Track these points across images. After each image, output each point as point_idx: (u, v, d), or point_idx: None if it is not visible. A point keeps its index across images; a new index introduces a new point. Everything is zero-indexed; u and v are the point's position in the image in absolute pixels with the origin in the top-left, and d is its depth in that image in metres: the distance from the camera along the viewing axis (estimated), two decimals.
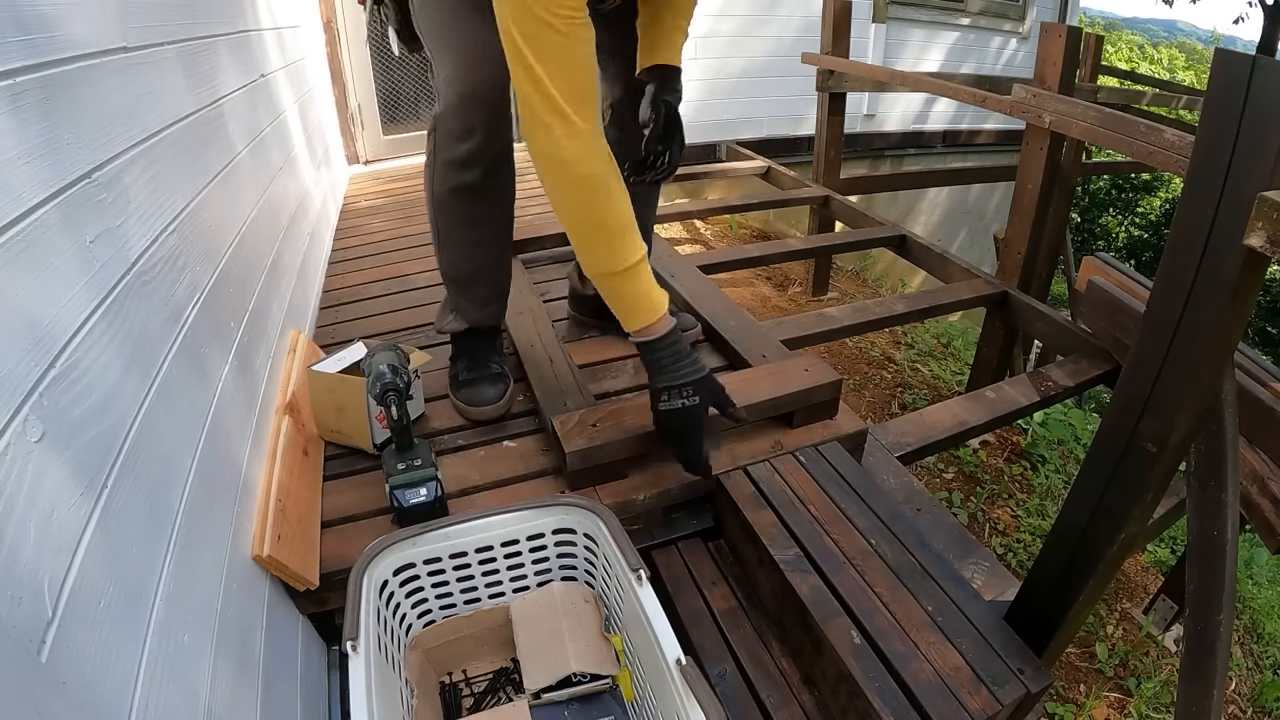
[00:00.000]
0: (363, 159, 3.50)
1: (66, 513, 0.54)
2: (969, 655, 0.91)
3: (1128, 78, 5.65)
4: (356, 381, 1.20)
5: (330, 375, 1.23)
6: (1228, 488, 0.93)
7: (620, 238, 1.03)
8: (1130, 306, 1.81)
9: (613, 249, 1.03)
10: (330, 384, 1.24)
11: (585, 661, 0.92)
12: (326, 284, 2.07)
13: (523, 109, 0.96)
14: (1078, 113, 1.97)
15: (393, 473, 1.11)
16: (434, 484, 1.11)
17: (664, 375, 1.09)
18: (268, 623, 0.90)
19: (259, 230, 1.38)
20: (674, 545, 1.20)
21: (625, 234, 1.03)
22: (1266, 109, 0.67)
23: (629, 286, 1.06)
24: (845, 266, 4.19)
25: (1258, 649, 2.10)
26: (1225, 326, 0.76)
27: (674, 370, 1.08)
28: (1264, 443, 1.51)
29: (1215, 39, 22.72)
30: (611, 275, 1.05)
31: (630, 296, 1.06)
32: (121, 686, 0.56)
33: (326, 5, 3.09)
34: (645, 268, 1.06)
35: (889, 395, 2.80)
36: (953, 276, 2.44)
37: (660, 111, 1.19)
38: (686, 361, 1.09)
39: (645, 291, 1.06)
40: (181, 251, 0.92)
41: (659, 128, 1.19)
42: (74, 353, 0.61)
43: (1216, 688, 1.03)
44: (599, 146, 0.99)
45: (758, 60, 4.18)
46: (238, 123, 1.37)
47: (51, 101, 0.66)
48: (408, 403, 1.13)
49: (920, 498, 1.34)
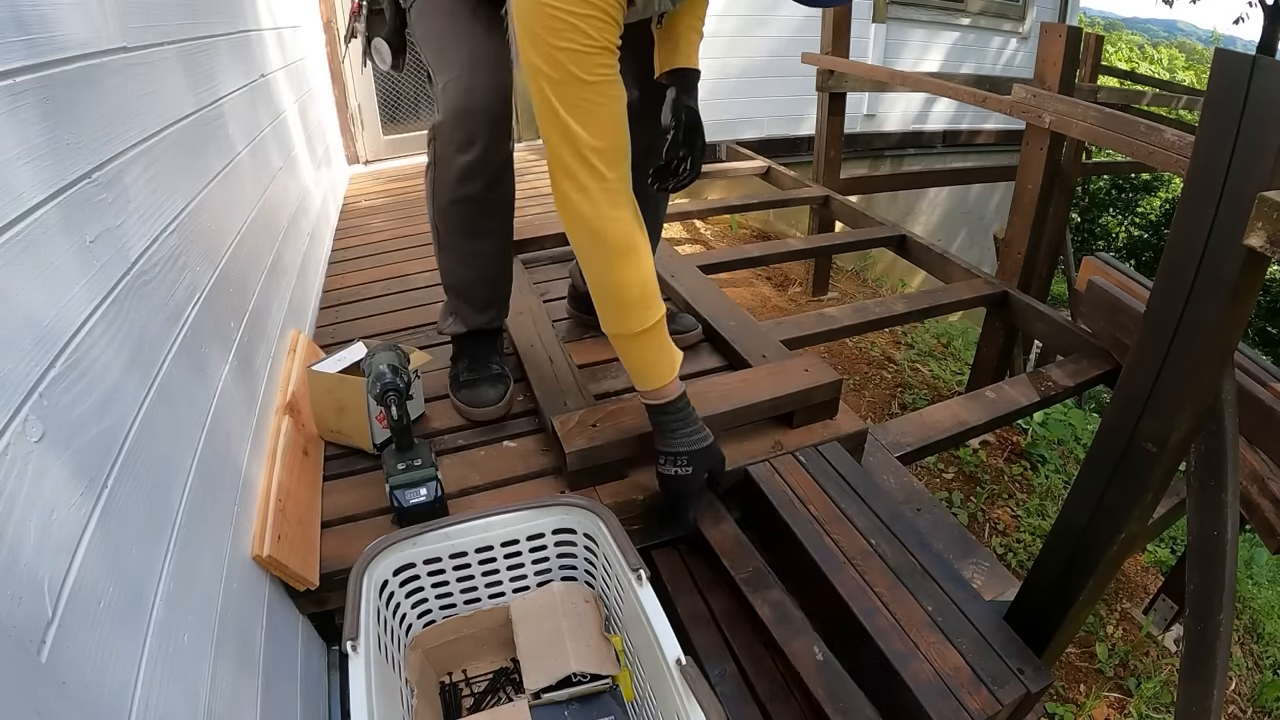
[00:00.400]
0: (363, 159, 3.50)
1: (66, 513, 0.54)
2: (969, 655, 0.91)
3: (1128, 78, 5.65)
4: (356, 381, 1.20)
5: (330, 375, 1.23)
6: (1228, 488, 0.93)
7: (640, 299, 1.01)
8: (1130, 306, 1.81)
9: (630, 310, 1.01)
10: (330, 384, 1.23)
11: (585, 661, 0.92)
12: (326, 284, 2.07)
13: (552, 160, 0.95)
14: (1078, 113, 1.97)
15: (393, 473, 1.11)
16: (434, 484, 1.11)
17: (666, 440, 1.08)
18: (268, 623, 0.90)
19: (259, 230, 1.38)
20: (674, 545, 1.21)
21: (645, 295, 1.01)
22: (1266, 109, 0.67)
23: (643, 349, 1.04)
24: (845, 266, 4.19)
25: (1258, 649, 2.10)
26: (1225, 326, 0.76)
27: (676, 437, 1.08)
28: (1264, 443, 1.51)
29: (1215, 39, 22.71)
30: (628, 337, 1.03)
31: (642, 358, 1.05)
32: (121, 686, 0.56)
33: (326, 5, 3.10)
34: (662, 330, 1.04)
35: (889, 395, 2.80)
36: (953, 276, 2.44)
37: (682, 117, 1.18)
38: (690, 429, 1.08)
39: (657, 355, 1.05)
40: (181, 251, 0.92)
41: (679, 134, 1.18)
42: (74, 353, 0.61)
43: (1216, 688, 1.03)
44: (627, 200, 0.98)
45: (758, 60, 4.18)
46: (238, 123, 1.37)
47: (51, 101, 0.66)
48: (408, 403, 1.13)
49: (920, 498, 1.34)
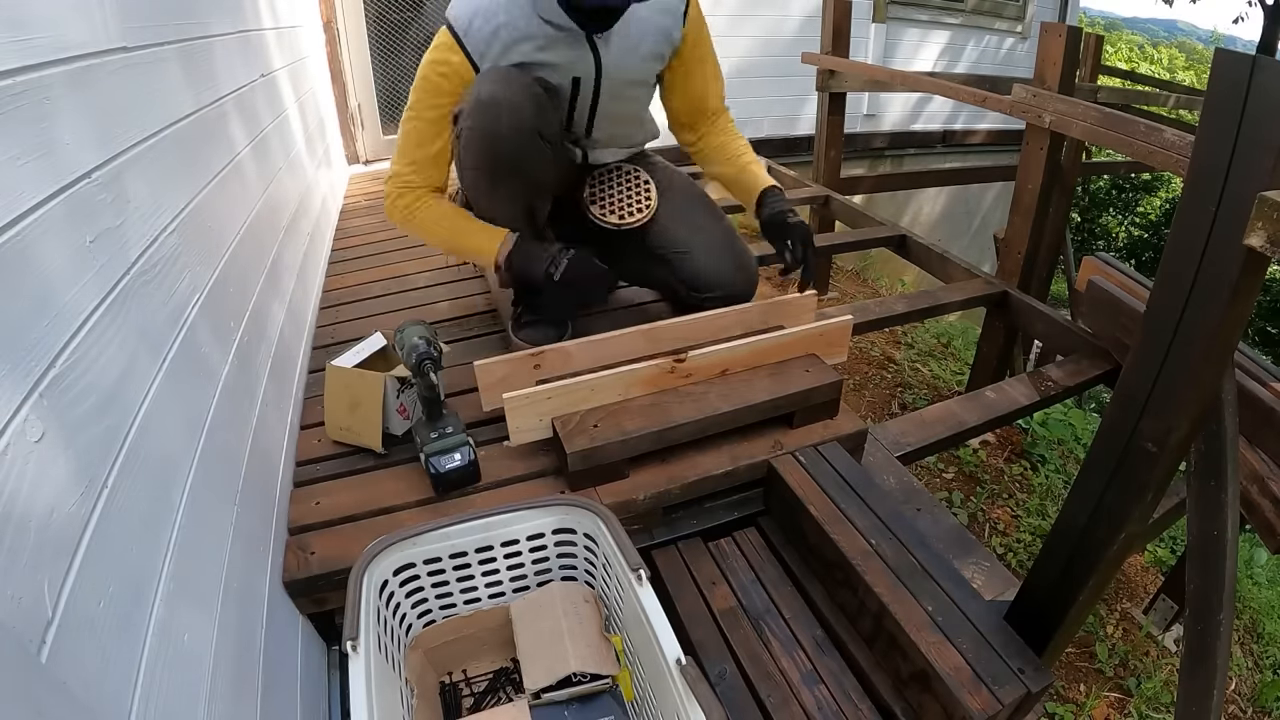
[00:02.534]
0: (363, 159, 3.50)
1: (66, 513, 0.54)
2: (969, 655, 0.91)
3: (1128, 78, 5.64)
4: (375, 377, 1.21)
5: (348, 370, 1.24)
6: (1228, 488, 0.93)
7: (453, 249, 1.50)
8: (1130, 306, 1.81)
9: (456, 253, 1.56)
10: (348, 379, 1.24)
11: (585, 661, 0.92)
12: (326, 284, 2.07)
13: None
14: (1078, 113, 1.97)
15: (426, 441, 1.14)
16: (467, 449, 1.14)
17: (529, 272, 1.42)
18: (268, 623, 0.90)
19: (259, 230, 1.38)
20: (674, 545, 1.21)
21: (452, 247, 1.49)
22: (1266, 109, 0.66)
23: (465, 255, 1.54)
24: (845, 266, 4.19)
25: (1258, 649, 2.10)
26: (1225, 326, 0.76)
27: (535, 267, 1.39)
28: (1264, 443, 1.51)
29: (1215, 39, 22.71)
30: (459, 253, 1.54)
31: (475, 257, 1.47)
32: (121, 686, 0.56)
33: (326, 5, 3.09)
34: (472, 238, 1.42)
35: (889, 395, 2.80)
36: (953, 276, 2.44)
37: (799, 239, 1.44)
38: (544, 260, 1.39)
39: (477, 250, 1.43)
40: (181, 251, 0.92)
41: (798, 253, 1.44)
42: (74, 353, 0.61)
43: (1216, 688, 1.03)
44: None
45: (757, 59, 4.17)
46: (238, 123, 1.37)
47: (51, 101, 0.66)
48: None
49: (920, 498, 1.34)
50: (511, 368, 1.27)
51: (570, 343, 1.32)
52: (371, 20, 3.27)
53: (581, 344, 1.32)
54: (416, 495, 1.18)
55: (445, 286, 1.99)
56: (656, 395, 1.28)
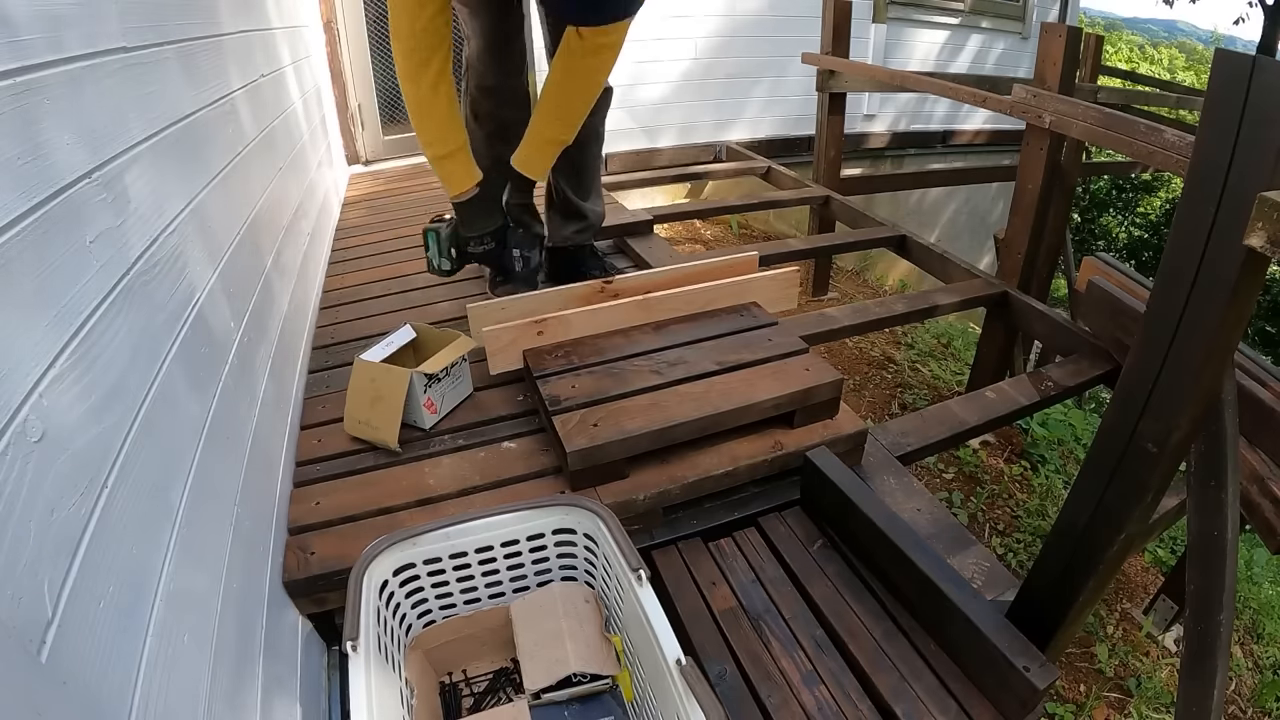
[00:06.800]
0: (363, 159, 3.50)
1: (66, 513, 0.54)
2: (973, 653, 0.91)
3: (1128, 78, 5.64)
4: (401, 372, 1.23)
5: (375, 365, 1.26)
6: (1228, 488, 0.93)
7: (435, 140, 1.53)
8: (1130, 306, 1.81)
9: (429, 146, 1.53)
10: (374, 373, 1.25)
11: (585, 661, 0.92)
12: (326, 284, 2.07)
13: None
14: (1078, 113, 1.96)
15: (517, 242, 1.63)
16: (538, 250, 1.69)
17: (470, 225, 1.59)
18: (268, 623, 0.90)
19: (260, 230, 1.38)
20: (674, 545, 1.21)
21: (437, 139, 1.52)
22: (1266, 109, 0.66)
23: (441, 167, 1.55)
24: (845, 266, 4.19)
25: (1258, 649, 2.10)
26: (1225, 326, 0.76)
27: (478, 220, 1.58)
28: (1264, 443, 1.51)
29: (1215, 39, 22.70)
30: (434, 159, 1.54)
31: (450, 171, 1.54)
32: (121, 686, 0.56)
33: (327, 5, 3.09)
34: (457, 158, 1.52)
35: (889, 395, 2.80)
36: (953, 276, 2.44)
37: None
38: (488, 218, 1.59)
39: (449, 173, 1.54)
40: (182, 251, 0.92)
41: None
42: (74, 353, 0.61)
43: (1216, 688, 1.03)
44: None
45: (757, 60, 4.17)
46: (238, 123, 1.37)
47: (51, 102, 0.66)
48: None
49: (920, 498, 1.34)
50: (518, 332, 1.43)
51: (570, 311, 1.49)
52: (371, 20, 3.27)
53: (580, 313, 1.49)
54: (416, 495, 1.18)
55: (445, 287, 1.99)
56: (656, 395, 1.28)
